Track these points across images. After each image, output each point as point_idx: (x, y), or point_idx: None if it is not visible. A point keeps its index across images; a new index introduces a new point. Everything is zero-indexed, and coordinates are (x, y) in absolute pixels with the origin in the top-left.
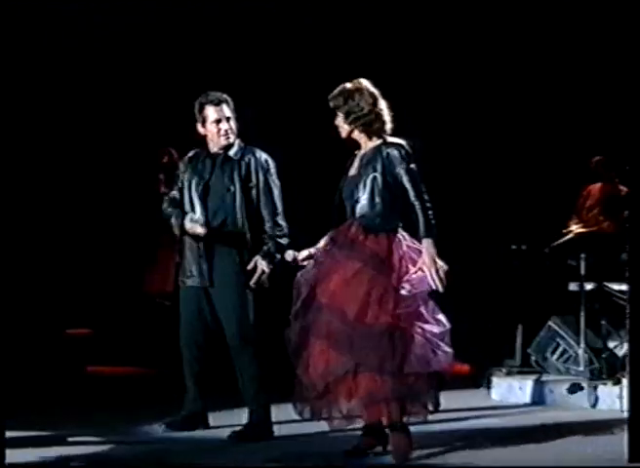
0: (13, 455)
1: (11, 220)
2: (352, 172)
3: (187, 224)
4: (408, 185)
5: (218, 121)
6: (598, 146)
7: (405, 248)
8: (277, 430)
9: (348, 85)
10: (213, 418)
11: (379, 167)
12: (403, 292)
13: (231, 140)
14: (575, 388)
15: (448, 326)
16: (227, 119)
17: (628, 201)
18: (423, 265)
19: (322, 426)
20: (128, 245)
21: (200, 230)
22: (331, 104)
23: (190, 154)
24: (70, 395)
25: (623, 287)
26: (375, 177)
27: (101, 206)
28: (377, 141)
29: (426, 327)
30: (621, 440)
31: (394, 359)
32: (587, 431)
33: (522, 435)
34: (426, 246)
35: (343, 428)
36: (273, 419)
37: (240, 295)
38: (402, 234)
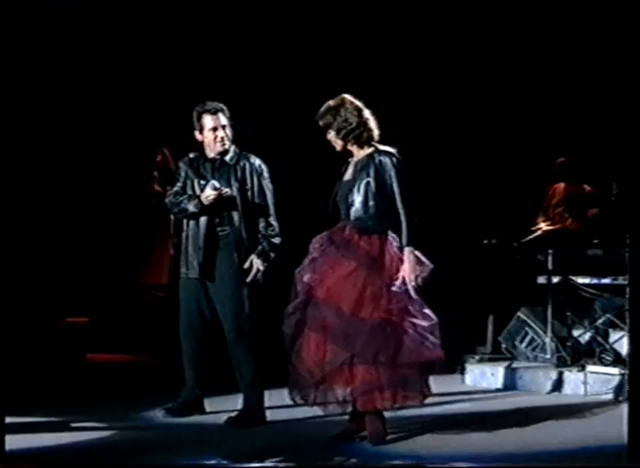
0: (13, 442)
1: (10, 212)
2: (347, 177)
3: (212, 192)
4: (397, 192)
5: (214, 129)
6: (562, 148)
7: (395, 248)
8: (269, 415)
9: (332, 102)
10: (208, 404)
11: (372, 172)
12: (394, 289)
13: (227, 147)
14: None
15: (435, 319)
16: (223, 127)
17: (629, 201)
18: (404, 273)
19: (311, 412)
20: (125, 236)
21: (229, 191)
22: (321, 123)
23: (191, 156)
24: (70, 382)
25: (587, 280)
26: (368, 182)
27: (99, 200)
28: (369, 150)
29: (416, 321)
30: (592, 421)
31: (388, 351)
32: (557, 415)
33: (494, 418)
34: (407, 254)
35: (337, 413)
36: (266, 405)
37: (236, 291)
38: (392, 235)
